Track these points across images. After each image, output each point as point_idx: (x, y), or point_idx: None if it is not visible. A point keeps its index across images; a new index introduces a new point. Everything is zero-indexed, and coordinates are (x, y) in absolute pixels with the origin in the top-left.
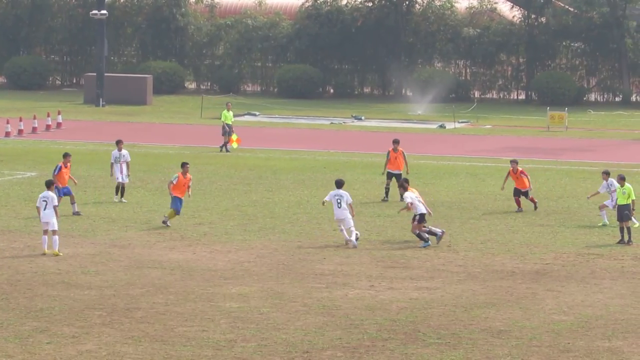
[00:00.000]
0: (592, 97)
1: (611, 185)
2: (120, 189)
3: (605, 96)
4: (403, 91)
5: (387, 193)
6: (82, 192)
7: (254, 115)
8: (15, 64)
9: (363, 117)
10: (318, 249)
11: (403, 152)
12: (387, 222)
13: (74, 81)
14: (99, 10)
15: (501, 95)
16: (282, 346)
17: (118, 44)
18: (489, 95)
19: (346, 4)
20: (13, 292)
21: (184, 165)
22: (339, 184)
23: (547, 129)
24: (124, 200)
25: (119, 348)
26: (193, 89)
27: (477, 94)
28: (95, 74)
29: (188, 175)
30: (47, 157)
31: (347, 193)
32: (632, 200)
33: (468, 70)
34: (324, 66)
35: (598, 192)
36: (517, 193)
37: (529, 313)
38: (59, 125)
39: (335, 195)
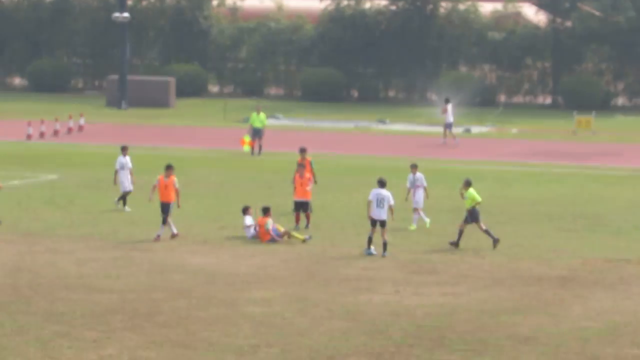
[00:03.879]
0: (619, 101)
1: None
2: (125, 198)
3: (633, 100)
4: (428, 95)
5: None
6: (103, 196)
7: (278, 118)
8: (38, 66)
9: (387, 121)
10: (342, 253)
11: (310, 162)
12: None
13: (96, 84)
14: (121, 13)
15: (527, 100)
16: (305, 352)
17: (140, 46)
18: (515, 100)
19: (369, 7)
20: (34, 296)
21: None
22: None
23: (574, 133)
24: (127, 209)
25: (140, 353)
26: (216, 92)
27: (503, 98)
28: (117, 77)
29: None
30: (68, 160)
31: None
32: None
33: (494, 74)
34: (347, 70)
35: None
36: None
37: (556, 319)
38: (80, 128)
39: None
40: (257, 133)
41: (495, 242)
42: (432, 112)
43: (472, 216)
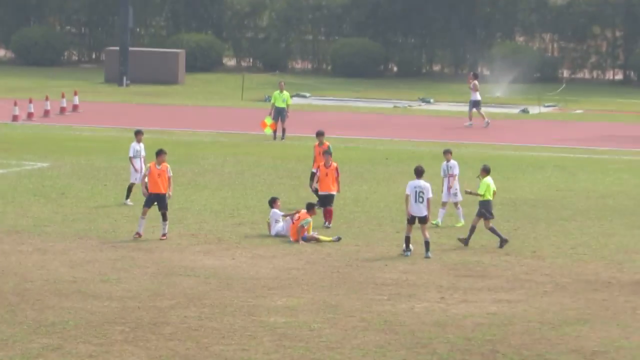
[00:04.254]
0: None
1: None
2: (130, 190)
3: None
4: (479, 69)
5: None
6: (102, 186)
7: (304, 97)
8: (25, 36)
9: (432, 100)
10: (379, 254)
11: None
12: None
13: (93, 57)
14: None
15: (594, 75)
16: None
17: (145, 13)
18: (579, 75)
19: None
20: (20, 303)
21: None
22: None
23: None
24: (129, 202)
25: None
26: (232, 66)
27: (565, 74)
28: (118, 48)
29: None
30: (61, 145)
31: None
32: None
33: (555, 46)
34: (385, 40)
35: None
36: None
37: (627, 331)
38: (75, 107)
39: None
40: (280, 114)
41: (503, 242)
42: (484, 89)
43: (486, 209)
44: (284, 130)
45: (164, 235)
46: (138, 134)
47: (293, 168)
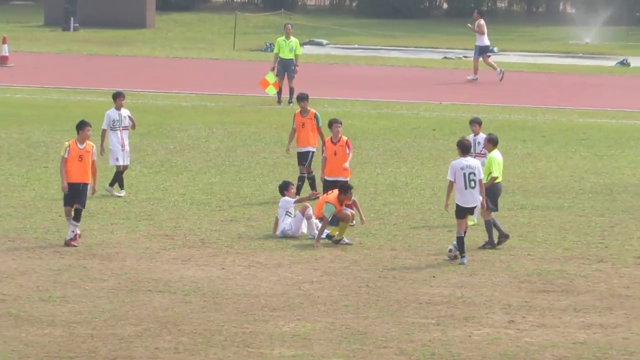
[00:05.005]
0: None
1: None
2: (119, 177)
3: None
4: (561, 7)
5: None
6: (41, 169)
7: (320, 44)
8: None
9: (495, 49)
10: (424, 261)
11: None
12: (536, 217)
13: None
14: None
15: None
16: None
17: None
18: None
19: None
20: None
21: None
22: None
23: None
24: (120, 194)
25: None
26: (220, 3)
27: None
28: None
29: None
30: None
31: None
32: None
33: None
34: None
35: None
36: None
37: None
38: (3, 60)
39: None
40: (286, 68)
41: (503, 238)
42: (569, 34)
43: (491, 197)
44: (291, 91)
45: (71, 240)
46: (118, 97)
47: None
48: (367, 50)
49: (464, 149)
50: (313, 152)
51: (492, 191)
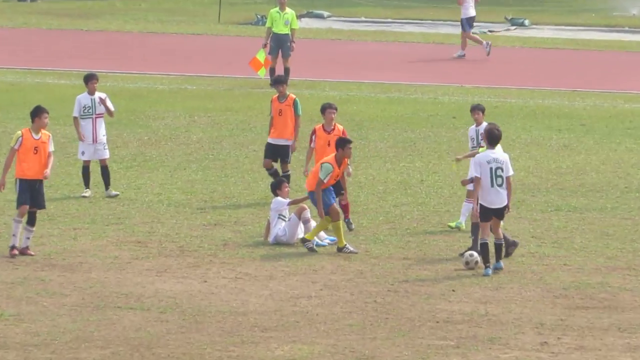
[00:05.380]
0: None
1: None
2: (103, 174)
3: None
4: None
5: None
6: None
7: (321, 17)
8: None
9: (527, 21)
10: (441, 272)
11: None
12: (573, 220)
13: None
14: None
15: None
16: None
17: None
18: None
19: None
20: None
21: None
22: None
23: None
24: (113, 193)
25: None
26: None
27: None
28: None
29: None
30: None
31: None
32: None
33: None
34: None
35: None
36: None
37: None
38: None
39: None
40: (280, 45)
41: (512, 246)
42: (613, 4)
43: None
44: (286, 72)
45: (24, 249)
46: (90, 80)
47: (303, 132)
48: (376, 23)
49: (493, 138)
50: (290, 146)
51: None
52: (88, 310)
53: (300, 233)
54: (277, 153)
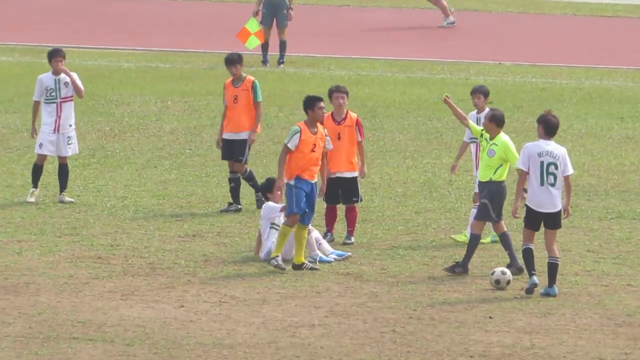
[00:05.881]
0: None
1: None
2: (61, 174)
3: None
4: None
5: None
6: None
7: None
8: None
9: None
10: (476, 295)
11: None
12: (639, 230)
13: None
14: None
15: None
16: None
17: None
18: None
19: None
20: None
21: None
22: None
23: None
24: (66, 199)
25: None
26: None
27: None
28: None
29: None
30: None
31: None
32: None
33: None
34: None
35: None
36: None
37: None
38: None
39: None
40: (275, 12)
41: (516, 270)
42: None
43: (494, 199)
44: (282, 45)
45: None
46: (55, 57)
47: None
48: None
49: (550, 127)
50: (249, 141)
51: (497, 194)
52: (37, 342)
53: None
54: (234, 150)
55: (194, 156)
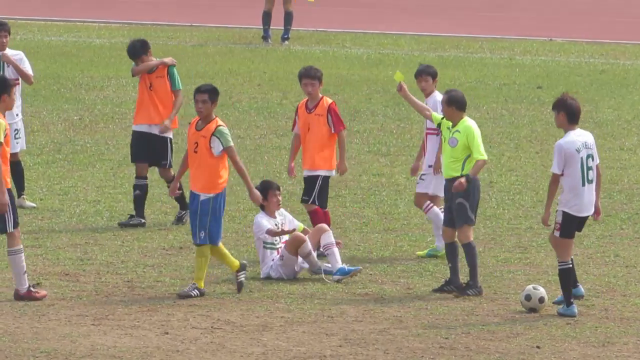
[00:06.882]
0: None
1: None
2: (14, 173)
3: None
4: None
5: None
6: None
7: None
8: None
9: None
10: (520, 318)
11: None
12: None
13: None
14: None
15: None
16: None
17: None
18: None
19: None
20: None
21: None
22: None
23: None
24: (27, 204)
25: None
26: None
27: None
28: None
29: None
30: None
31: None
32: None
33: None
34: None
35: None
36: None
37: None
38: None
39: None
40: None
41: (453, 287)
42: None
43: (469, 198)
44: (287, 17)
45: None
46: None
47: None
48: None
49: (573, 113)
50: (171, 140)
51: (473, 190)
52: None
53: (304, 263)
54: (148, 149)
55: (180, 152)
